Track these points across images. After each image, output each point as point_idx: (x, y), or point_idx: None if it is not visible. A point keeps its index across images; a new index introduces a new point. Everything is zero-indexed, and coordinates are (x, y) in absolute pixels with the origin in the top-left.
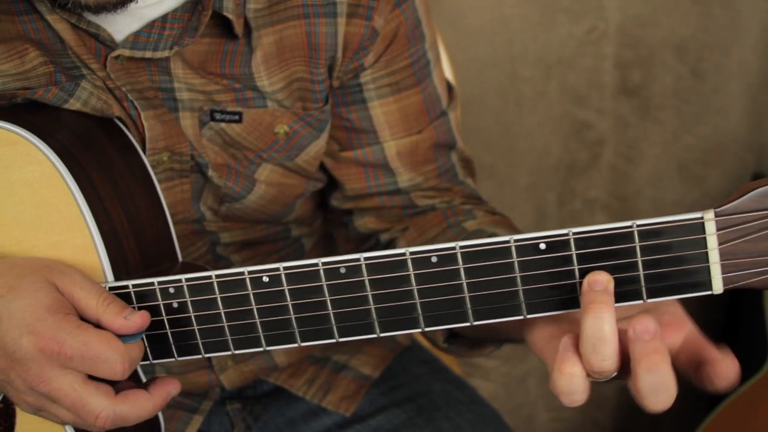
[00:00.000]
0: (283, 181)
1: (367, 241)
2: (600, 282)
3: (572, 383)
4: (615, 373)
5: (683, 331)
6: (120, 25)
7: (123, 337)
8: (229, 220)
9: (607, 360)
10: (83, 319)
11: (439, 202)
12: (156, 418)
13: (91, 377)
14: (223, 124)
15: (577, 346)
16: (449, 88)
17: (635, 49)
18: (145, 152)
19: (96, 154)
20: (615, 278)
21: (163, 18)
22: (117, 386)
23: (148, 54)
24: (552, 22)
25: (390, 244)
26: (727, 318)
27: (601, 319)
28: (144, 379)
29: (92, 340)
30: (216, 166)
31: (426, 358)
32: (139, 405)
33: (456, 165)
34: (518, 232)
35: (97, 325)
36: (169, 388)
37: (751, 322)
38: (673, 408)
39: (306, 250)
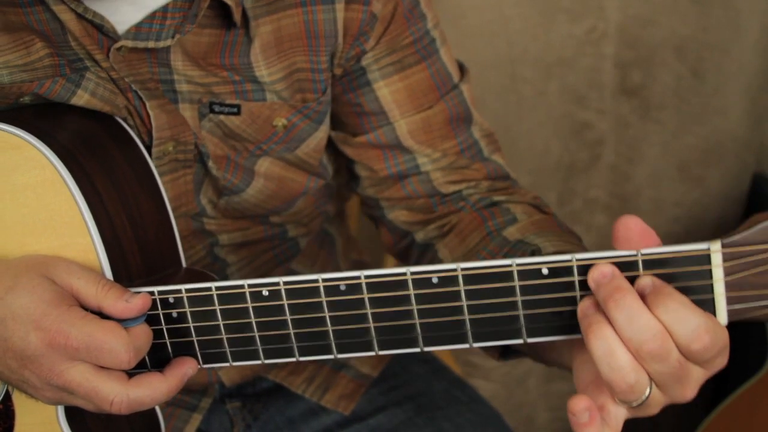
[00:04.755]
0: (283, 175)
1: (404, 238)
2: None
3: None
4: (648, 391)
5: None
6: (123, 15)
7: (126, 321)
8: (228, 217)
9: (630, 373)
10: (85, 308)
11: (465, 188)
12: (155, 417)
13: None
14: (222, 116)
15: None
16: (460, 66)
17: (635, 49)
18: (151, 145)
19: (100, 157)
20: None
21: (164, 8)
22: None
23: (151, 44)
24: (552, 22)
25: (428, 249)
26: None
27: (604, 337)
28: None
29: (96, 330)
30: (216, 157)
31: (426, 358)
32: (153, 387)
33: (480, 141)
34: (566, 230)
35: (100, 313)
36: (184, 369)
37: (751, 323)
38: (673, 408)
39: (301, 248)
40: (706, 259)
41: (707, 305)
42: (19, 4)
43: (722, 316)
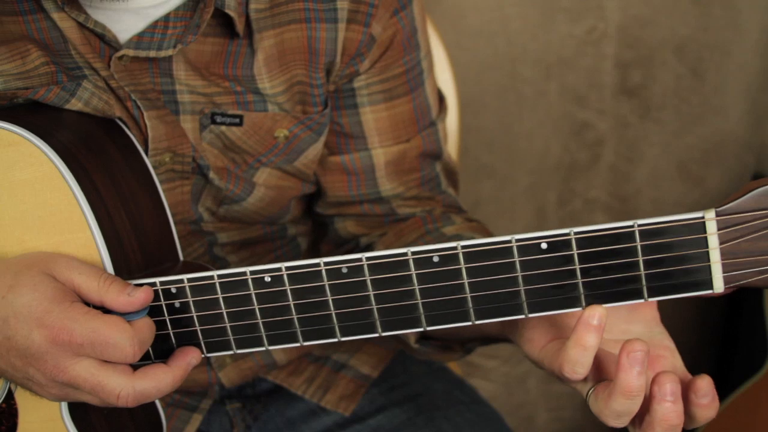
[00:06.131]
0: (281, 184)
1: (346, 244)
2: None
3: (584, 355)
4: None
5: (675, 366)
6: (125, 24)
7: (128, 314)
8: (226, 221)
9: (579, 371)
10: (87, 303)
11: (420, 212)
12: (157, 413)
13: None
14: (223, 127)
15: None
16: (440, 98)
17: (635, 49)
18: (147, 153)
19: (98, 154)
20: (616, 278)
21: (166, 17)
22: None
23: (152, 53)
24: (552, 22)
25: (368, 249)
26: (727, 318)
27: (584, 353)
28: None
29: (100, 326)
30: (216, 169)
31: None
32: (159, 379)
33: (440, 174)
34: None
35: (102, 308)
36: (188, 359)
37: (751, 322)
38: None
39: (303, 249)
40: (701, 227)
41: (703, 273)
42: (19, 13)
43: (718, 283)
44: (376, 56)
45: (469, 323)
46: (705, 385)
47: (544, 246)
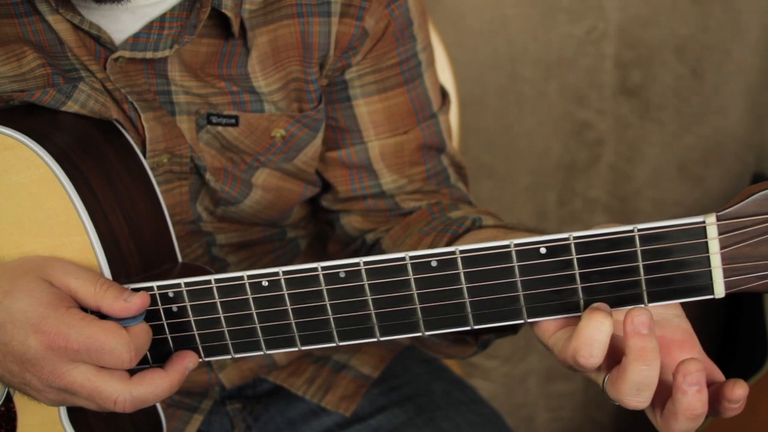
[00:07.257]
0: (281, 186)
1: (353, 242)
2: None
3: (600, 331)
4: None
5: (693, 350)
6: (121, 25)
7: (125, 320)
8: (225, 222)
9: (596, 351)
10: (84, 309)
11: (426, 205)
12: (157, 414)
13: None
14: (219, 128)
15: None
16: (443, 93)
17: (635, 49)
18: (145, 154)
19: (94, 157)
20: (615, 283)
21: (161, 18)
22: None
23: (149, 54)
24: (552, 22)
25: (375, 245)
26: (727, 318)
27: (600, 328)
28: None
29: (96, 332)
30: (213, 170)
31: (426, 358)
32: (156, 384)
33: (448, 168)
34: (503, 222)
35: (99, 312)
36: (185, 363)
37: (751, 323)
38: None
39: (301, 249)
40: (701, 232)
41: (704, 278)
42: (15, 15)
43: (719, 288)
44: (368, 48)
45: (468, 328)
46: (742, 394)
47: (543, 251)
